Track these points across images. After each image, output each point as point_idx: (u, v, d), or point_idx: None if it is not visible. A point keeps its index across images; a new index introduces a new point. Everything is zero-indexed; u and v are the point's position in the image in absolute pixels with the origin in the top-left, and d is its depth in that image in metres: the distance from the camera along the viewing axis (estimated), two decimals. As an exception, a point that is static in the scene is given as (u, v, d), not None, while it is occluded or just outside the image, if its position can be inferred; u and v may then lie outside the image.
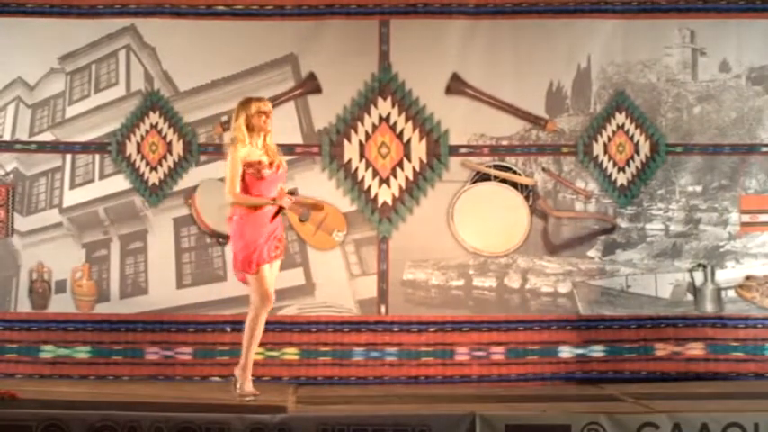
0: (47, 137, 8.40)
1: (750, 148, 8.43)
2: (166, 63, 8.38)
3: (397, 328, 8.22)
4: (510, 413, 6.23)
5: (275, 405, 6.49)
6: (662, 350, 8.26)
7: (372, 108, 8.34)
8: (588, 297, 8.37)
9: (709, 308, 8.32)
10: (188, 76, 8.35)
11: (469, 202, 8.32)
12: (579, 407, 6.57)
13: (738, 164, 8.43)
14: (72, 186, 8.38)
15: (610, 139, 8.43)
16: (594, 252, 8.43)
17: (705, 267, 8.37)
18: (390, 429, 6.02)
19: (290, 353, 8.16)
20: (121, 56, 8.40)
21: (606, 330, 8.31)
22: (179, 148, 8.39)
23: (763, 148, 8.44)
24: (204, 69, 8.32)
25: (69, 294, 8.29)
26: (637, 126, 8.42)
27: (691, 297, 8.37)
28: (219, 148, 8.36)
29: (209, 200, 8.31)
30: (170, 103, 8.38)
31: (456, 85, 8.31)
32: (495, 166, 8.37)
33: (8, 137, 8.38)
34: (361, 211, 8.32)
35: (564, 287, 8.37)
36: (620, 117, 8.43)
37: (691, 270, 8.37)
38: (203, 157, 8.39)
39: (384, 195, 8.33)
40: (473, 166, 8.36)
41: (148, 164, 8.37)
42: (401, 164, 8.33)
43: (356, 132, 8.36)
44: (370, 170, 8.34)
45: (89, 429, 5.98)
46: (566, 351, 8.26)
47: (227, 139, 7.46)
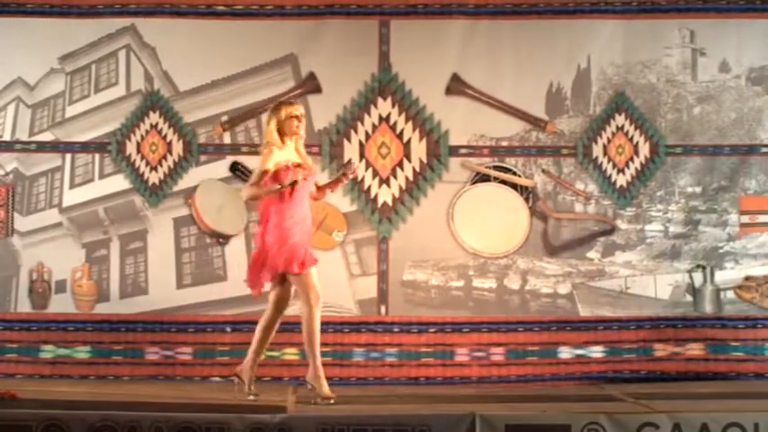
0: (47, 137, 8.39)
1: (750, 149, 8.43)
2: (166, 63, 8.38)
3: (397, 329, 8.21)
4: (510, 413, 6.22)
5: (275, 405, 6.49)
6: (661, 351, 8.25)
7: (372, 108, 8.34)
8: (588, 298, 8.36)
9: (708, 309, 8.31)
10: (188, 76, 8.35)
11: (469, 202, 8.32)
12: (579, 407, 6.56)
13: (738, 165, 8.42)
14: (72, 186, 8.37)
15: (609, 141, 8.43)
16: (594, 253, 8.42)
17: (704, 268, 8.36)
18: (390, 429, 6.02)
19: (290, 353, 8.14)
20: (121, 56, 8.40)
21: (606, 331, 8.30)
22: (179, 147, 8.38)
23: (763, 149, 8.43)
24: (204, 69, 8.32)
25: (69, 294, 8.29)
26: (636, 127, 8.42)
27: (690, 298, 8.37)
28: (219, 149, 8.38)
29: (209, 200, 8.31)
30: (170, 103, 8.37)
31: (456, 86, 8.31)
32: (495, 167, 8.37)
33: (8, 137, 8.38)
34: (361, 212, 8.32)
35: (563, 288, 8.37)
36: (619, 118, 8.42)
37: (690, 271, 8.37)
38: (203, 157, 8.38)
39: (384, 195, 8.32)
40: (473, 166, 8.36)
41: (148, 164, 8.37)
42: (401, 164, 8.32)
43: (356, 132, 8.35)
44: (371, 170, 8.33)
45: (89, 429, 5.97)
46: (565, 352, 8.25)
47: (259, 141, 7.37)
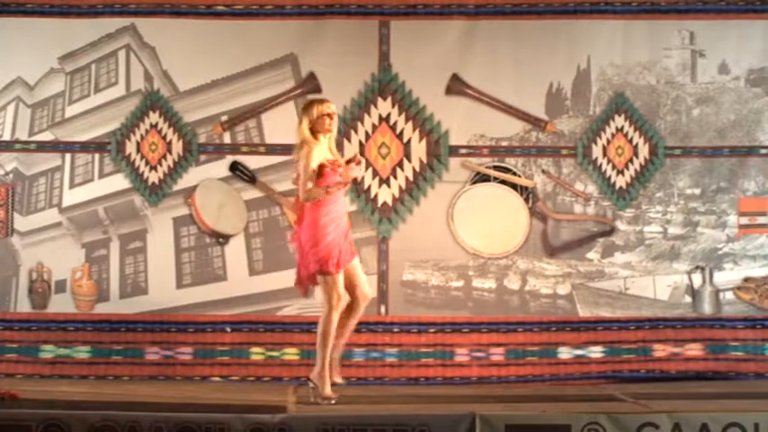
0: (46, 136, 8.39)
1: (749, 151, 8.43)
2: (166, 63, 8.37)
3: (396, 329, 8.21)
4: (510, 413, 6.22)
5: (275, 405, 6.49)
6: (661, 351, 8.25)
7: (372, 108, 8.34)
8: (587, 299, 8.36)
9: (707, 310, 8.32)
10: (188, 76, 8.34)
11: (469, 202, 8.32)
12: (579, 407, 6.56)
13: (737, 166, 8.43)
14: (72, 186, 8.37)
15: (609, 142, 8.43)
16: (593, 254, 8.42)
17: (703, 270, 8.36)
18: (390, 429, 6.01)
19: (290, 353, 8.14)
20: (121, 55, 8.39)
21: (605, 332, 8.30)
22: (179, 147, 8.37)
23: (762, 151, 8.44)
24: (204, 69, 8.31)
25: (69, 294, 8.28)
26: (636, 128, 8.42)
27: (689, 299, 8.37)
28: (219, 148, 8.38)
29: (209, 199, 8.30)
30: (170, 103, 8.37)
31: (456, 86, 8.31)
32: (495, 167, 8.37)
33: (8, 136, 8.37)
34: (361, 211, 8.31)
35: (563, 289, 8.37)
36: (619, 119, 8.43)
37: (689, 272, 8.37)
38: (203, 157, 8.38)
39: (384, 195, 8.32)
40: (473, 166, 8.36)
41: (148, 163, 8.36)
42: (401, 164, 8.32)
43: (356, 132, 8.35)
44: (370, 170, 8.33)
45: (89, 429, 5.97)
46: (565, 352, 8.25)
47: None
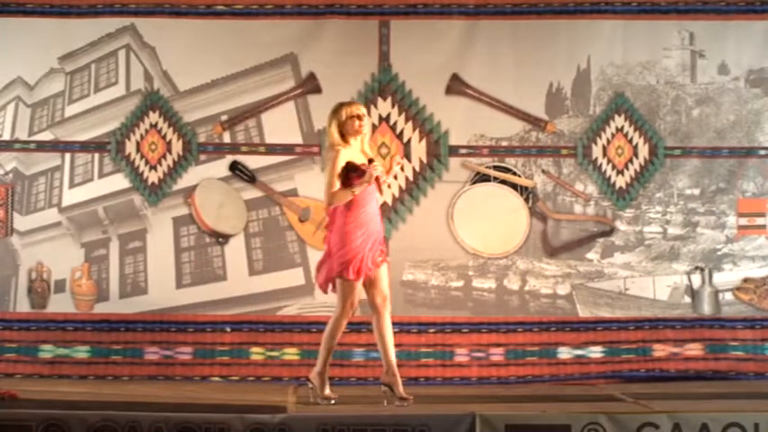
0: (46, 136, 8.39)
1: (748, 152, 8.43)
2: (166, 63, 8.37)
3: (396, 329, 8.04)
4: (510, 413, 6.21)
5: (275, 405, 6.49)
6: (660, 351, 8.25)
7: (372, 108, 8.32)
8: (587, 299, 8.36)
9: (706, 310, 8.32)
10: (188, 76, 8.34)
11: (469, 202, 8.32)
12: (579, 407, 6.55)
13: (736, 167, 8.43)
14: (71, 185, 8.36)
15: (609, 142, 8.43)
16: (593, 254, 8.42)
17: (703, 270, 8.36)
18: (390, 429, 6.01)
19: (290, 353, 8.14)
20: (121, 55, 8.39)
21: (605, 332, 8.30)
22: (178, 147, 8.37)
23: (761, 152, 8.44)
24: (204, 69, 8.31)
25: (68, 294, 8.27)
26: (636, 129, 8.42)
27: (688, 300, 8.37)
28: (219, 148, 8.38)
29: (208, 199, 8.30)
30: (170, 103, 8.36)
31: (456, 86, 8.31)
32: (495, 167, 8.37)
33: (8, 136, 8.37)
34: (361, 212, 8.30)
35: (563, 289, 8.37)
36: (619, 119, 8.43)
37: (688, 273, 8.37)
38: (203, 157, 8.37)
39: (384, 195, 8.29)
40: (473, 166, 8.36)
41: (148, 163, 8.36)
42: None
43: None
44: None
45: (89, 429, 5.96)
46: (564, 352, 8.25)
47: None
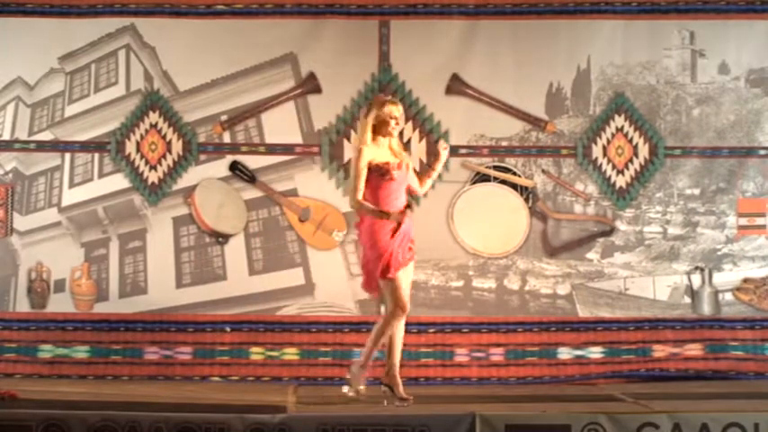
0: (46, 136, 8.38)
1: (748, 151, 8.43)
2: (166, 62, 8.37)
3: (396, 329, 8.20)
4: (510, 413, 6.21)
5: (275, 405, 6.49)
6: (660, 351, 8.25)
7: (372, 108, 8.34)
8: (587, 299, 8.36)
9: (706, 311, 8.32)
10: (188, 76, 8.34)
11: (469, 202, 8.32)
12: (579, 407, 6.56)
13: (736, 167, 8.43)
14: (71, 185, 8.36)
15: (609, 142, 8.43)
16: (593, 254, 8.42)
17: (703, 270, 8.36)
18: (390, 429, 6.01)
19: (290, 353, 8.14)
20: (121, 55, 8.39)
21: (605, 332, 8.30)
22: (178, 147, 8.37)
23: (761, 152, 8.44)
24: (204, 69, 8.31)
25: (68, 294, 8.27)
26: (636, 128, 8.42)
27: (688, 300, 8.37)
28: (219, 148, 8.38)
29: (208, 199, 8.30)
30: (169, 103, 8.36)
31: (456, 86, 8.30)
32: (495, 167, 8.37)
33: (7, 136, 8.37)
34: (362, 212, 8.31)
35: (563, 289, 8.37)
36: (619, 119, 8.43)
37: (688, 273, 8.37)
38: (203, 157, 8.37)
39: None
40: (473, 166, 8.36)
41: (148, 162, 8.36)
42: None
43: (356, 132, 8.32)
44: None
45: (89, 429, 5.96)
46: (564, 353, 8.25)
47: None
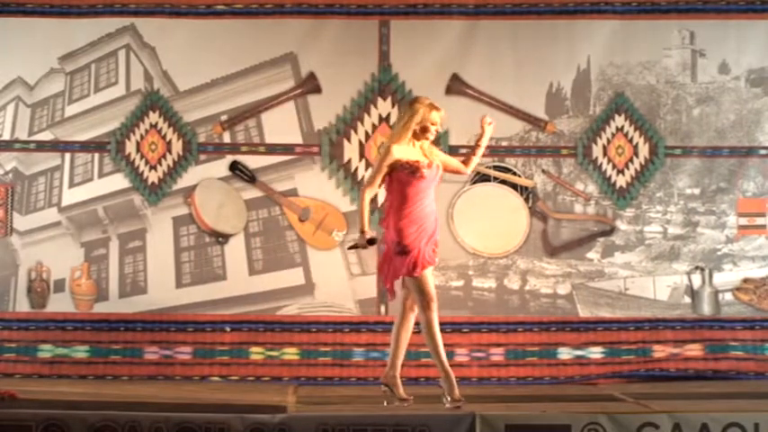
0: (46, 136, 8.39)
1: (748, 151, 8.43)
2: (166, 63, 8.38)
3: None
4: (510, 413, 6.19)
5: (275, 405, 6.48)
6: (660, 352, 8.25)
7: (372, 108, 8.34)
8: (587, 299, 8.36)
9: (706, 310, 8.32)
10: (188, 76, 8.35)
11: (469, 202, 8.32)
12: (579, 407, 6.54)
13: (737, 167, 8.43)
14: (71, 185, 8.37)
15: (609, 142, 8.43)
16: (593, 254, 8.42)
17: (703, 270, 8.36)
18: (390, 429, 5.99)
19: (290, 353, 8.14)
20: (121, 55, 8.39)
21: (605, 332, 8.30)
22: (178, 147, 8.37)
23: (761, 151, 8.44)
24: (204, 69, 8.32)
25: (68, 294, 8.28)
26: (636, 128, 8.42)
27: (688, 300, 8.37)
28: (219, 148, 8.38)
29: (208, 199, 8.31)
30: (169, 103, 8.37)
31: (456, 86, 8.30)
32: (495, 167, 8.37)
33: (7, 136, 8.37)
34: (362, 212, 8.30)
35: (563, 289, 8.37)
36: (619, 119, 8.43)
37: (689, 273, 8.37)
38: (203, 157, 8.38)
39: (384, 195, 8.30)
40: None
41: (148, 162, 8.36)
42: (401, 164, 8.31)
43: (356, 132, 8.35)
44: (370, 170, 8.30)
45: (89, 429, 5.94)
46: (565, 353, 8.25)
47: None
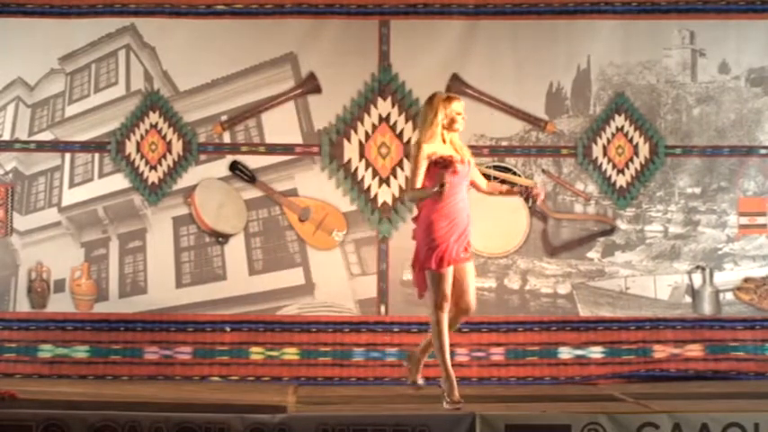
0: (46, 136, 8.39)
1: (749, 150, 8.43)
2: (166, 63, 8.38)
3: (396, 329, 8.20)
4: (510, 413, 6.20)
5: (275, 405, 6.48)
6: (661, 352, 8.25)
7: (372, 108, 8.34)
8: (587, 298, 8.36)
9: (707, 310, 8.32)
10: (188, 76, 8.35)
11: (469, 202, 8.29)
12: (579, 407, 6.54)
13: (737, 166, 8.43)
14: (71, 185, 8.37)
15: (609, 141, 8.43)
16: (594, 253, 8.42)
17: (704, 269, 8.36)
18: (390, 429, 6.00)
19: (290, 353, 8.14)
20: (121, 55, 8.39)
21: (605, 332, 8.30)
22: (178, 147, 8.37)
23: (762, 151, 8.44)
24: (204, 69, 8.32)
25: (68, 294, 8.28)
26: (636, 128, 8.42)
27: (689, 299, 8.37)
28: (219, 148, 8.38)
29: (208, 199, 8.31)
30: (170, 103, 8.37)
31: (456, 86, 8.30)
32: (495, 167, 8.37)
33: (8, 136, 8.38)
34: (361, 211, 8.31)
35: (563, 288, 8.37)
36: (619, 119, 8.43)
37: (689, 272, 8.37)
38: (203, 157, 8.38)
39: (384, 195, 8.31)
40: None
41: (148, 163, 8.36)
42: (401, 164, 8.31)
43: (356, 132, 8.35)
44: (370, 170, 8.33)
45: (89, 429, 5.95)
46: (565, 352, 8.25)
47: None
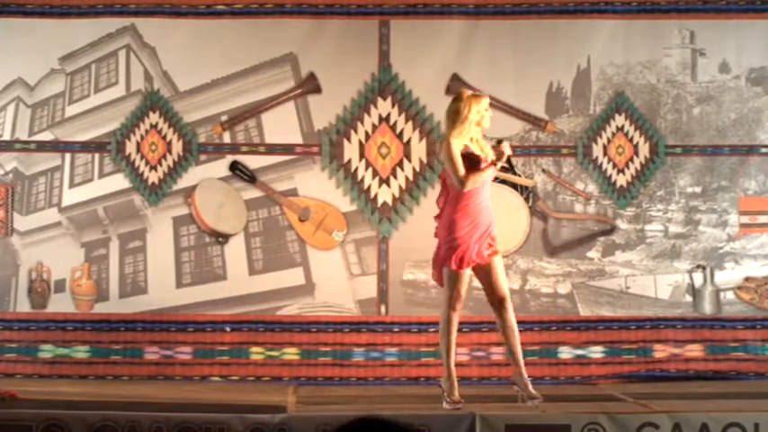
0: (46, 136, 8.39)
1: (749, 150, 8.43)
2: (166, 63, 8.37)
3: (397, 329, 8.20)
4: (510, 413, 6.20)
5: (275, 405, 6.49)
6: (661, 352, 8.24)
7: (372, 108, 8.33)
8: (588, 298, 8.36)
9: (707, 309, 8.31)
10: (188, 76, 8.34)
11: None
12: (579, 407, 6.54)
13: (738, 165, 8.43)
14: (71, 185, 8.36)
15: (609, 141, 8.43)
16: (594, 253, 8.42)
17: (704, 269, 8.36)
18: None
19: (290, 353, 8.14)
20: (121, 55, 8.39)
21: (605, 331, 8.29)
22: (179, 147, 8.37)
23: (762, 150, 8.44)
24: (204, 69, 8.31)
25: (68, 294, 8.27)
26: (636, 128, 8.42)
27: (690, 299, 8.36)
28: (219, 148, 8.38)
29: (208, 199, 8.30)
30: (170, 103, 8.37)
31: (456, 86, 8.26)
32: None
33: (8, 136, 8.37)
34: (361, 211, 8.31)
35: (563, 288, 8.36)
36: (619, 119, 8.43)
37: (690, 271, 8.36)
38: (203, 157, 8.37)
39: (384, 195, 8.31)
40: (473, 166, 8.35)
41: (148, 163, 8.36)
42: (401, 164, 8.32)
43: (356, 132, 8.34)
44: (370, 170, 8.32)
45: (89, 429, 5.95)
46: (565, 352, 8.24)
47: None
